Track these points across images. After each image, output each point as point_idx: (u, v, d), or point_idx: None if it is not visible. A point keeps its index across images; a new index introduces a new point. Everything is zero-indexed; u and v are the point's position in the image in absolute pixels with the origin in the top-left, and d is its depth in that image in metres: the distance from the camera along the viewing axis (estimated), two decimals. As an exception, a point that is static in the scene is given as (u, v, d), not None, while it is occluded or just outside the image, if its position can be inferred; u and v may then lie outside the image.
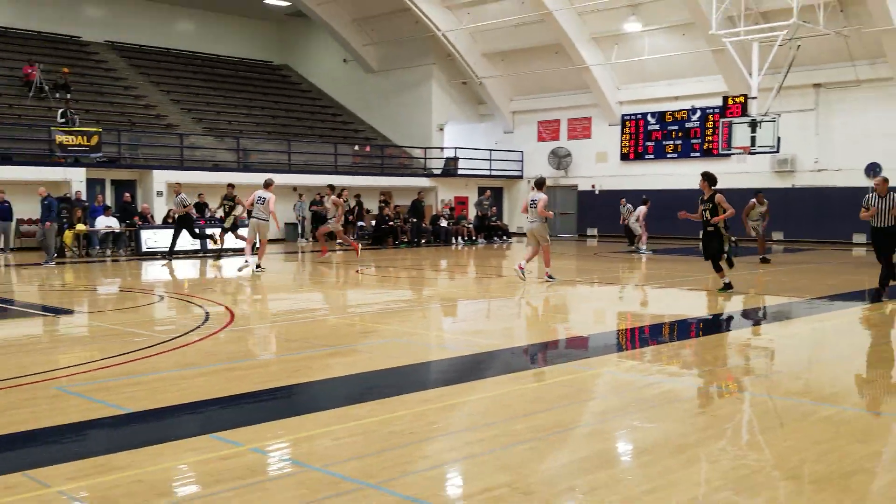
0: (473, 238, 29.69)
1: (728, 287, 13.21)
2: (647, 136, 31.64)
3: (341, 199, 23.13)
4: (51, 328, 11.04)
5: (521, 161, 35.20)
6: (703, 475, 4.75)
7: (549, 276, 15.13)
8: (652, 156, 31.49)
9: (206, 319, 10.82)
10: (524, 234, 33.27)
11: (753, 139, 24.48)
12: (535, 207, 14.97)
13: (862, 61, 26.01)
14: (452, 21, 32.71)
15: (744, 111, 26.30)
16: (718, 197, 12.89)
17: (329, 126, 36.08)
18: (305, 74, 40.08)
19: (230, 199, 22.56)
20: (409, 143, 35.16)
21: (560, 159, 33.76)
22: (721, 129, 26.06)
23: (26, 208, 23.96)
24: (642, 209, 24.25)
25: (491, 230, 30.57)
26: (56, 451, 5.27)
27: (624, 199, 26.07)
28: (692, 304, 13.40)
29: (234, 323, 10.60)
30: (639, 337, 9.96)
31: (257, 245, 18.23)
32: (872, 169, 25.63)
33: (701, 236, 13.80)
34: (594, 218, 32.68)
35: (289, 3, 35.07)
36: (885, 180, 12.65)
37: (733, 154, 25.83)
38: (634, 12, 29.45)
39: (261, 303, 13.86)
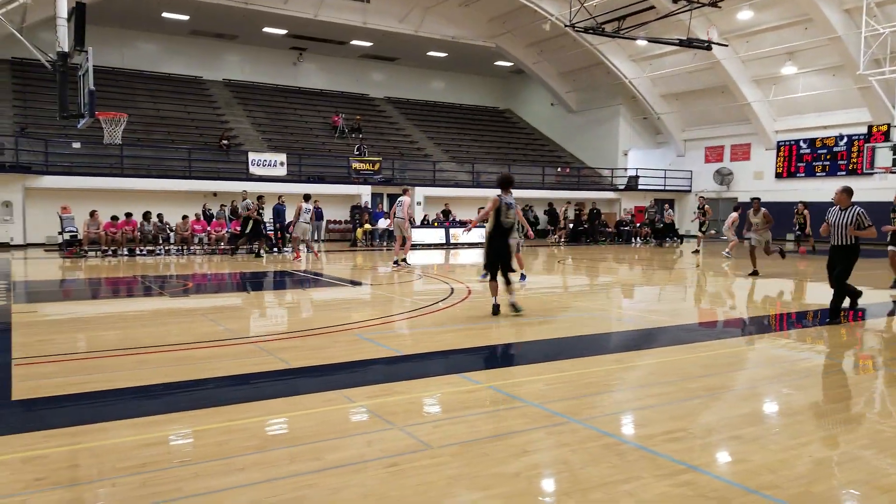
0: (648, 238, 28.39)
1: (496, 311, 8.76)
2: (799, 159, 28.77)
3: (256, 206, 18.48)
4: (348, 294, 11.70)
5: (690, 179, 33.19)
6: (848, 435, 4.32)
7: (522, 276, 12.93)
8: (803, 174, 28.59)
9: (451, 293, 11.17)
10: (693, 237, 31.61)
11: (895, 161, 21.95)
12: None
13: None
14: (637, 70, 31.45)
15: (887, 137, 23.25)
16: (517, 210, 9.05)
17: (538, 153, 35.92)
18: (522, 115, 40.17)
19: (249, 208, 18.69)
20: (600, 165, 34.29)
21: (723, 177, 31.55)
22: (866, 152, 23.29)
23: (334, 212, 26.08)
24: (733, 215, 19.98)
25: (658, 232, 28.26)
26: (357, 378, 5.66)
27: (667, 205, 23.68)
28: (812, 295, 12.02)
29: (471, 296, 10.81)
30: (786, 321, 9.12)
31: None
32: None
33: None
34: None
35: (511, 64, 35.37)
36: (848, 192, 8.28)
37: (876, 173, 23.26)
38: (791, 58, 26.90)
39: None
